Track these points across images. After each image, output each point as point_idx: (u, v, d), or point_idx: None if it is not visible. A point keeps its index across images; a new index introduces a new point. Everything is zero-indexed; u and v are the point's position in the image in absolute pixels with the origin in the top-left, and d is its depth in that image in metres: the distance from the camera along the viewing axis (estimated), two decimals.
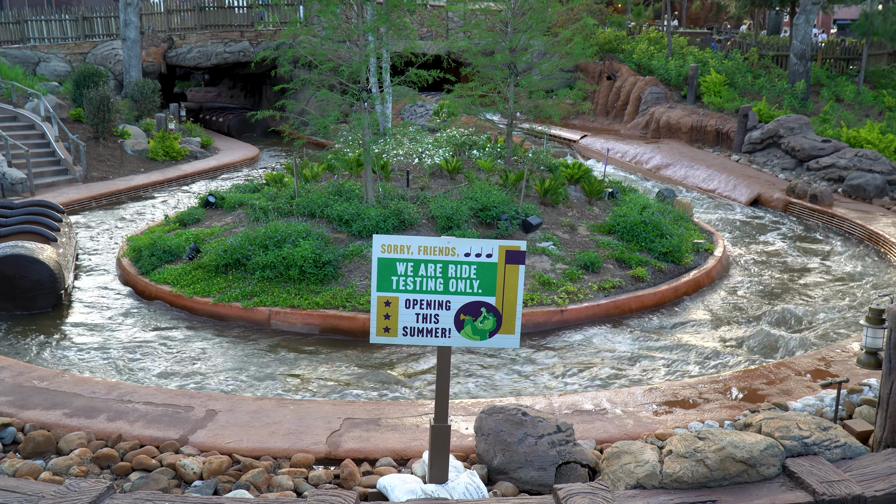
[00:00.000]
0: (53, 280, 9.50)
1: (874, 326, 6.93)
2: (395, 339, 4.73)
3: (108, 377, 7.55)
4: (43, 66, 25.11)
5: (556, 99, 14.99)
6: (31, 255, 9.41)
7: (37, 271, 9.41)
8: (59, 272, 9.60)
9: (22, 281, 9.36)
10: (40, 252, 9.56)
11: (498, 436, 5.18)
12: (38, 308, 9.50)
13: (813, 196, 15.50)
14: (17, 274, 9.34)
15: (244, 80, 33.94)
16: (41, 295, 9.49)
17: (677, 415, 6.22)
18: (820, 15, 41.43)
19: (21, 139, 17.76)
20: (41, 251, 9.60)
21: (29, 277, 9.37)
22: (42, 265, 9.42)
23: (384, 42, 12.23)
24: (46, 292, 9.50)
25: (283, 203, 11.53)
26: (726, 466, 4.64)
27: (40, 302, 9.50)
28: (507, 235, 10.79)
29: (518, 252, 4.59)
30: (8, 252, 9.38)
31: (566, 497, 4.34)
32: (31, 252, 9.47)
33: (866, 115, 21.62)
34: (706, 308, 9.95)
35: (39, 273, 9.42)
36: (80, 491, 4.31)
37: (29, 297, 9.44)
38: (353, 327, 8.80)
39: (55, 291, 9.57)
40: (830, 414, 5.94)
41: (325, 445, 5.63)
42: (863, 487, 4.51)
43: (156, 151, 20.06)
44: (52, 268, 9.50)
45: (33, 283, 9.40)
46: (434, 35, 26.98)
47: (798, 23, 22.12)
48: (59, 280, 9.56)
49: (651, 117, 23.86)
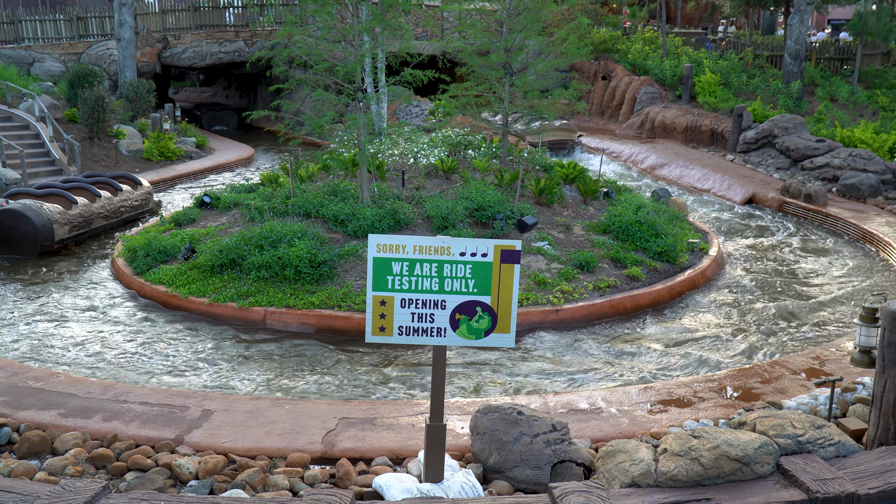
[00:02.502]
0: (37, 233, 11.61)
1: (868, 325, 6.95)
2: (390, 338, 4.74)
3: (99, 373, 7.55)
4: (37, 66, 25.04)
5: (552, 99, 14.99)
6: (21, 210, 11.61)
7: (25, 224, 11.60)
8: (44, 227, 11.68)
9: (15, 231, 11.65)
10: (30, 210, 11.66)
11: (493, 435, 5.19)
12: (26, 254, 11.74)
13: (807, 196, 15.55)
14: (11, 225, 11.63)
15: (239, 81, 33.90)
16: (28, 243, 11.72)
17: (672, 413, 6.24)
18: (814, 15, 41.55)
19: (15, 139, 17.72)
20: (33, 209, 11.69)
21: (19, 228, 11.63)
22: (28, 220, 11.57)
23: (379, 42, 12.23)
24: (32, 242, 11.70)
25: (279, 203, 11.53)
26: (721, 465, 4.65)
27: (28, 249, 11.74)
28: (502, 235, 10.81)
29: (513, 251, 4.60)
30: (5, 207, 11.69)
31: (561, 496, 4.35)
32: (22, 209, 11.63)
33: (860, 115, 21.70)
34: (701, 307, 9.98)
35: (26, 226, 11.61)
36: (75, 491, 4.31)
37: (21, 244, 11.70)
38: (349, 327, 8.80)
39: (39, 242, 11.69)
40: (825, 412, 5.97)
41: (320, 445, 5.64)
42: (856, 485, 4.53)
43: (151, 152, 20.03)
44: (37, 223, 11.59)
45: (22, 234, 11.65)
46: (429, 35, 27.00)
47: (792, 23, 22.19)
48: (41, 233, 11.64)
49: (646, 117, 23.90)
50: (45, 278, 10.97)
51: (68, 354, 8.25)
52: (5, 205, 11.76)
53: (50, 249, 11.87)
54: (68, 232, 12.23)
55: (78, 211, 12.53)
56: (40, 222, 11.63)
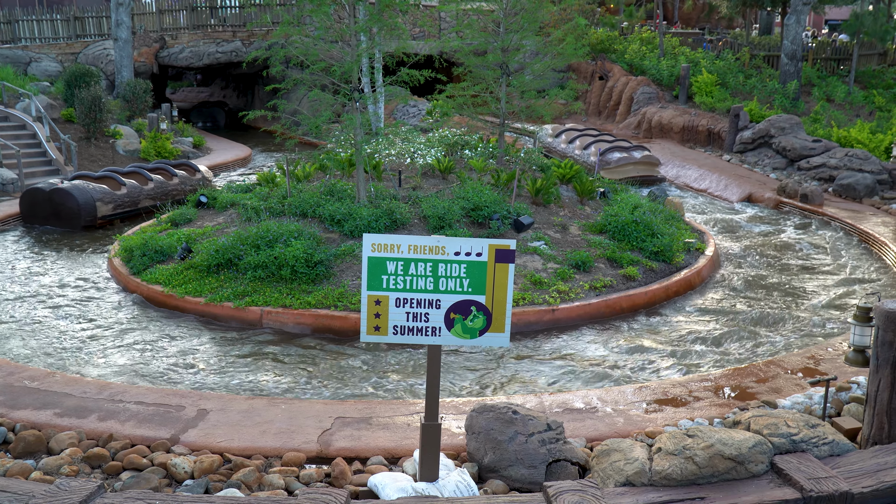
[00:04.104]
0: (80, 209, 13.42)
1: (862, 324, 6.95)
2: (385, 337, 4.74)
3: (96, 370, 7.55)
4: (34, 66, 25.02)
5: (548, 99, 15.03)
6: (67, 189, 13.50)
7: (70, 201, 13.45)
8: (87, 205, 13.50)
9: (63, 207, 13.53)
10: (76, 189, 13.56)
11: (488, 434, 5.20)
12: (73, 227, 13.53)
13: (804, 195, 15.58)
14: (60, 202, 13.52)
15: (236, 80, 33.89)
16: (73, 218, 13.53)
17: (667, 413, 6.25)
18: (811, 15, 41.61)
19: (12, 139, 17.71)
20: (79, 188, 13.60)
21: (66, 205, 13.50)
22: (73, 198, 13.42)
23: (376, 42, 12.23)
24: (76, 217, 13.49)
25: (275, 203, 11.53)
26: (715, 464, 4.67)
27: (72, 223, 13.53)
28: (498, 235, 10.82)
29: (507, 251, 4.61)
30: (56, 187, 13.62)
31: (556, 495, 4.36)
32: (69, 188, 13.55)
33: (857, 115, 21.75)
34: (697, 307, 10.00)
35: (72, 203, 13.46)
36: (70, 490, 4.32)
37: (68, 218, 13.55)
38: (345, 326, 8.80)
39: (82, 218, 13.47)
40: (819, 411, 5.98)
41: (316, 444, 5.64)
42: (850, 484, 4.55)
43: (148, 151, 20.02)
44: (81, 201, 13.43)
45: (69, 210, 13.51)
46: (426, 35, 27.00)
47: (789, 23, 22.23)
48: (84, 210, 13.45)
49: (643, 117, 23.93)
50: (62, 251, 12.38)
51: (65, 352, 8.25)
52: (59, 184, 13.65)
53: (93, 225, 13.66)
54: (112, 210, 14.03)
55: (125, 192, 14.35)
56: (84, 200, 13.46)
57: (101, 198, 13.83)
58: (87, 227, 13.57)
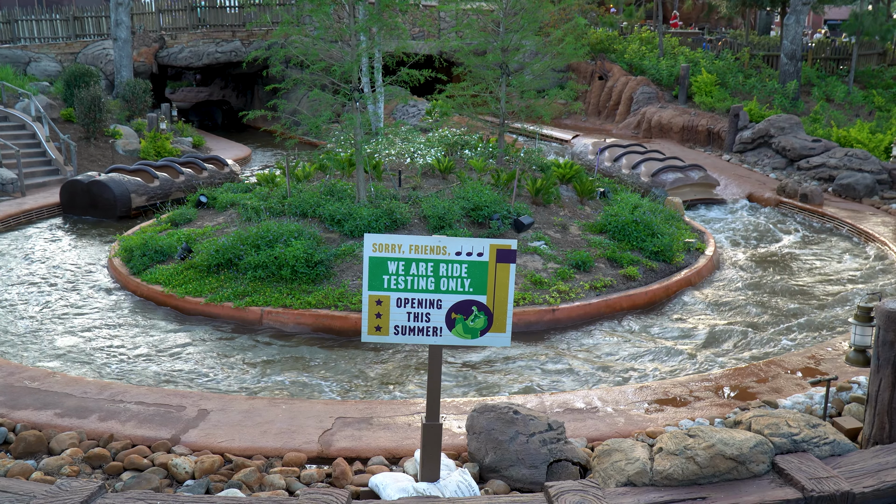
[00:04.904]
0: (116, 200, 14.31)
1: (863, 324, 6.96)
2: (386, 338, 4.74)
3: (97, 371, 7.54)
4: (33, 65, 25.00)
5: (548, 99, 15.01)
6: (105, 182, 14.38)
7: (107, 193, 14.34)
8: (123, 196, 14.38)
9: (100, 198, 14.43)
10: (113, 181, 14.44)
11: (489, 434, 5.20)
12: (109, 217, 14.35)
13: (803, 195, 15.58)
14: (98, 193, 14.42)
15: (236, 80, 33.86)
16: (110, 209, 14.38)
17: (668, 413, 6.25)
18: (811, 15, 41.63)
19: (11, 139, 17.69)
20: (115, 181, 14.48)
21: (104, 196, 14.39)
22: (110, 190, 14.30)
23: (376, 42, 12.23)
24: (112, 207, 14.35)
25: (275, 203, 11.52)
26: (716, 464, 4.67)
27: (109, 213, 14.37)
28: (498, 235, 10.82)
29: (509, 251, 4.61)
30: (94, 179, 14.47)
31: (557, 495, 4.36)
32: (106, 180, 14.41)
33: (856, 115, 21.75)
34: (697, 307, 10.00)
35: (108, 195, 14.35)
36: (71, 490, 4.31)
37: (105, 208, 14.41)
38: (345, 327, 8.80)
39: (118, 208, 14.33)
40: (820, 411, 5.98)
41: (316, 444, 5.64)
42: (851, 484, 4.54)
43: (147, 151, 19.99)
44: (117, 193, 14.31)
45: (106, 201, 14.40)
46: (426, 35, 26.99)
47: (788, 23, 22.23)
48: (120, 201, 14.33)
49: (643, 117, 23.93)
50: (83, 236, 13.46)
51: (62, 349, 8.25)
52: (97, 177, 14.55)
53: (127, 215, 14.48)
54: (145, 201, 14.87)
55: (157, 184, 15.25)
56: (119, 192, 14.39)
57: (136, 190, 14.76)
58: (122, 217, 14.39)
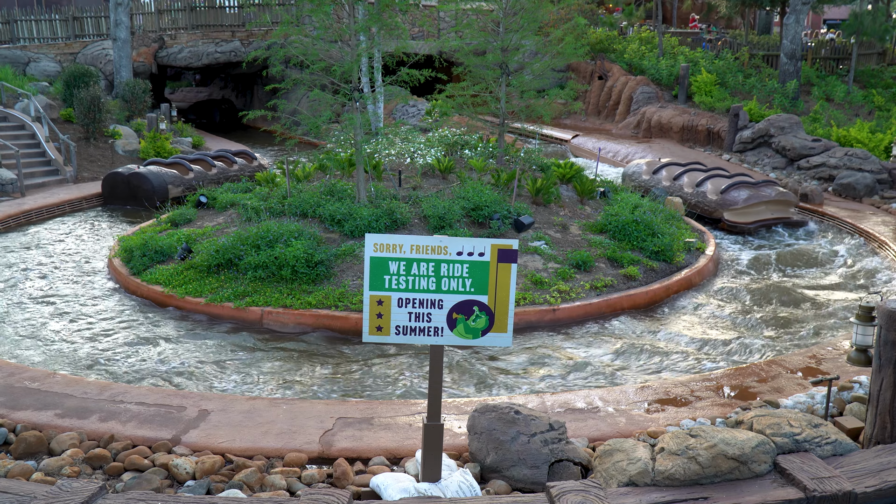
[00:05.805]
0: (154, 191, 15.33)
1: (864, 324, 6.96)
2: (387, 338, 4.73)
3: (97, 371, 7.53)
4: (33, 66, 24.99)
5: (548, 98, 15.00)
6: (144, 174, 15.47)
7: (146, 184, 15.39)
8: (160, 188, 15.44)
9: (140, 189, 15.46)
10: (152, 174, 15.51)
11: (490, 434, 5.19)
12: (146, 206, 15.05)
13: (803, 195, 15.57)
14: (138, 184, 15.48)
15: (236, 81, 33.85)
16: (148, 199, 15.23)
17: (669, 413, 6.24)
18: (810, 15, 41.61)
19: (11, 139, 17.68)
20: (154, 173, 15.56)
21: (143, 187, 15.42)
22: (149, 182, 15.36)
23: (376, 42, 12.22)
24: (150, 198, 15.22)
25: (275, 203, 11.51)
26: (718, 464, 4.66)
27: (148, 202, 15.14)
28: (499, 235, 10.81)
29: (510, 251, 4.60)
30: (134, 171, 15.60)
31: (559, 495, 4.35)
32: (146, 173, 15.51)
33: (856, 115, 21.75)
34: (698, 306, 9.99)
35: (147, 186, 15.38)
36: (72, 491, 4.30)
37: (143, 198, 15.31)
38: (346, 327, 8.79)
39: (156, 198, 15.20)
40: (821, 411, 5.97)
41: (317, 445, 5.63)
42: (853, 484, 4.54)
43: (147, 152, 19.97)
44: (155, 184, 15.38)
45: (145, 192, 15.38)
46: (426, 35, 26.99)
47: (788, 23, 22.22)
48: (158, 192, 15.35)
49: (642, 117, 23.93)
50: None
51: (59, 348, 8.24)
52: (137, 169, 15.58)
53: (164, 204, 15.03)
54: (181, 192, 15.72)
55: (192, 176, 16.33)
56: (158, 183, 15.45)
57: (172, 181, 15.81)
58: (160, 208, 14.67)
